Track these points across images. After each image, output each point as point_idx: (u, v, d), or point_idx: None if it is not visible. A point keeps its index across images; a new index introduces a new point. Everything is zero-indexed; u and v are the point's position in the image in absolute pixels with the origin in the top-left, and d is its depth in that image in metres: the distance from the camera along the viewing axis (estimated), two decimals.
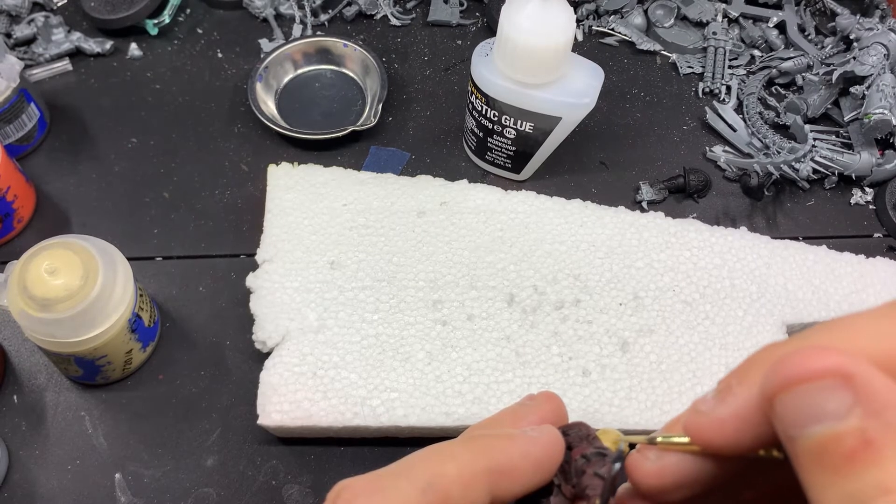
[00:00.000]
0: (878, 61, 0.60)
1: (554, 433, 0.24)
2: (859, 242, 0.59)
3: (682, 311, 0.50)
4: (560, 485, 0.24)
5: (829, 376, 0.17)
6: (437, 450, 0.23)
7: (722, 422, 0.20)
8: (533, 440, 0.23)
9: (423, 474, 0.21)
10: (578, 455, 0.24)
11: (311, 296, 0.49)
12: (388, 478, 0.22)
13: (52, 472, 0.47)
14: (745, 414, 0.19)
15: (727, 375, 0.20)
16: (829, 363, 0.17)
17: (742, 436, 0.19)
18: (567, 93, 0.51)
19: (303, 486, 0.47)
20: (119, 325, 0.45)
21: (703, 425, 0.20)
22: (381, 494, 0.21)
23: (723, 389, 0.20)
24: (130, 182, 0.58)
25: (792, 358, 0.17)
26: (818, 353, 0.17)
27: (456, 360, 0.47)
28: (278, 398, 0.45)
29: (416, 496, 0.21)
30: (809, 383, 0.17)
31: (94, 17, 0.64)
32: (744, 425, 0.19)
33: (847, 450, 0.16)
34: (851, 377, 0.17)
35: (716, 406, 0.20)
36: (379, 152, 0.60)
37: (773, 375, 0.18)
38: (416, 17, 0.69)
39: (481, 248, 0.52)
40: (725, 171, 0.61)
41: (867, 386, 0.16)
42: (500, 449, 0.23)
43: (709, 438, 0.20)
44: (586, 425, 0.25)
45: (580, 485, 0.23)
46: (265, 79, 0.62)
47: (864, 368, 0.17)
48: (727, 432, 0.19)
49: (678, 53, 0.67)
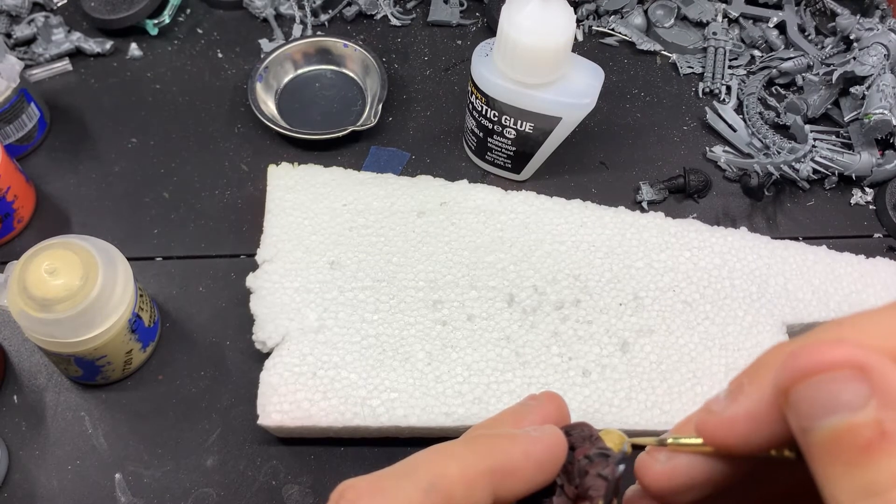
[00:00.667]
0: (878, 61, 0.60)
1: (557, 433, 0.24)
2: (859, 243, 0.59)
3: (682, 311, 0.50)
4: (563, 485, 0.24)
5: (844, 367, 0.17)
6: (440, 450, 0.23)
7: (734, 421, 0.20)
8: (536, 440, 0.23)
9: (426, 475, 0.21)
10: (581, 455, 0.24)
11: (311, 296, 0.49)
12: (391, 478, 0.22)
13: (52, 473, 0.47)
14: (757, 412, 0.19)
15: (739, 375, 0.20)
16: (844, 355, 0.17)
17: (754, 435, 0.19)
18: (567, 93, 0.51)
19: (303, 487, 0.47)
20: (119, 326, 0.45)
21: (715, 425, 0.20)
22: (384, 495, 0.21)
23: (734, 389, 0.20)
24: (130, 182, 0.58)
25: (806, 350, 0.17)
26: (833, 345, 0.17)
27: (456, 361, 0.47)
28: (278, 398, 0.45)
29: (419, 497, 0.21)
30: (824, 374, 0.17)
31: (94, 18, 0.64)
32: (756, 424, 0.19)
33: (863, 441, 0.16)
34: (867, 369, 0.17)
35: (728, 406, 0.20)
36: (379, 152, 0.60)
37: (788, 367, 0.18)
38: (416, 18, 0.69)
39: (481, 248, 0.52)
40: (725, 171, 0.61)
41: (883, 378, 0.16)
42: (503, 449, 0.23)
43: (721, 438, 0.20)
44: (589, 426, 0.25)
45: (583, 485, 0.23)
46: (265, 79, 0.62)
47: (880, 361, 0.17)
48: (739, 431, 0.19)
49: (678, 53, 0.67)
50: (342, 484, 0.22)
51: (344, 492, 0.22)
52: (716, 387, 0.48)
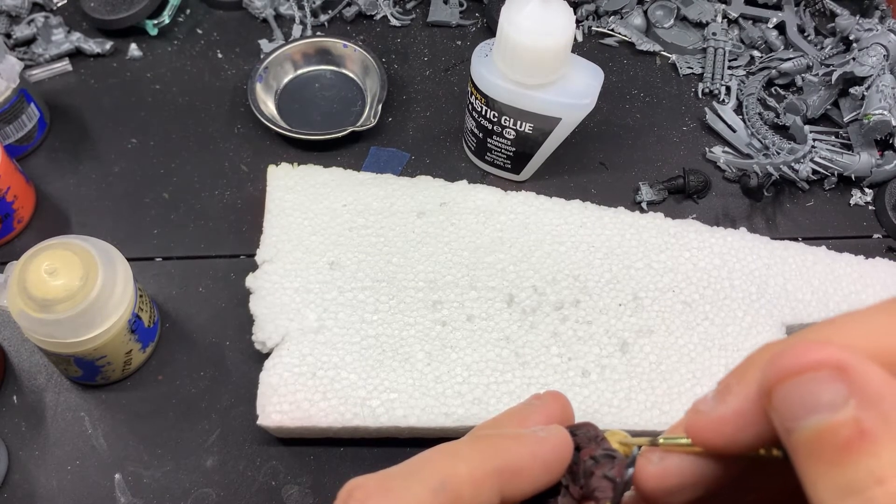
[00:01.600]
0: (877, 62, 0.60)
1: (563, 434, 0.24)
2: (859, 243, 0.59)
3: (681, 311, 0.50)
4: (568, 485, 0.24)
5: (824, 368, 0.17)
6: (448, 450, 0.23)
7: (722, 420, 0.20)
8: (542, 440, 0.23)
9: (434, 475, 0.21)
10: (587, 456, 0.24)
11: (311, 296, 0.49)
12: (400, 478, 0.22)
13: (52, 473, 0.47)
14: (744, 412, 0.19)
15: (726, 376, 0.20)
16: (823, 356, 0.17)
17: (742, 434, 0.19)
18: (567, 93, 0.51)
19: (302, 487, 0.47)
20: (119, 326, 0.45)
21: (702, 425, 0.20)
22: (392, 495, 0.21)
23: (722, 389, 0.20)
24: (130, 182, 0.58)
25: (788, 351, 0.18)
26: (814, 346, 0.17)
27: (455, 361, 0.47)
28: (278, 399, 0.45)
29: (428, 497, 0.21)
30: (805, 375, 0.17)
31: (94, 18, 0.64)
32: (743, 423, 0.19)
33: (842, 440, 0.16)
34: (846, 369, 0.17)
35: (716, 406, 0.20)
36: (379, 153, 0.60)
37: (771, 369, 0.18)
38: (415, 18, 0.69)
39: (481, 248, 0.52)
40: (725, 171, 0.61)
41: (862, 377, 0.17)
42: (510, 449, 0.23)
43: (709, 438, 0.20)
44: (594, 426, 0.25)
45: (588, 486, 0.23)
46: (265, 79, 0.62)
47: (859, 361, 0.17)
48: (727, 431, 0.20)
49: (678, 54, 0.67)
50: (350, 482, 0.22)
51: (352, 491, 0.22)
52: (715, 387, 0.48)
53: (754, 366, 0.19)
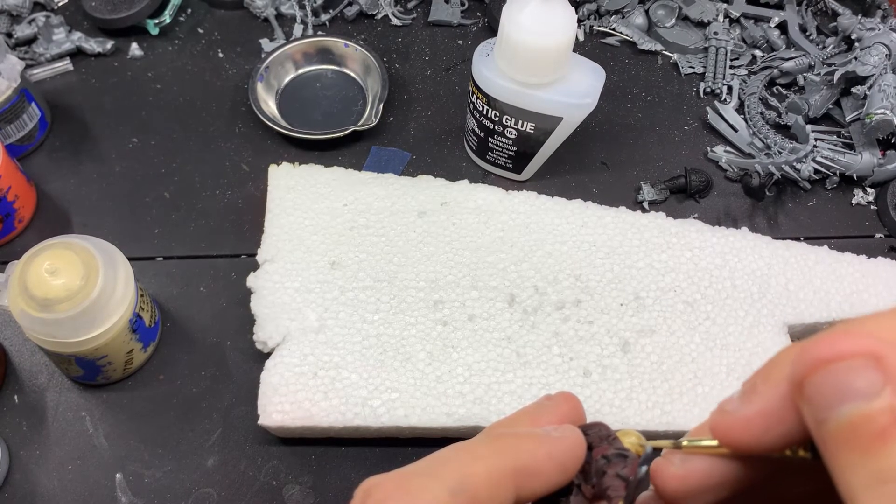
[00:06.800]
0: (879, 61, 0.60)
1: (577, 433, 0.24)
2: (861, 243, 0.59)
3: (683, 311, 0.50)
4: (580, 485, 0.24)
5: (858, 356, 0.17)
6: (464, 449, 0.23)
7: (748, 420, 0.19)
8: (557, 440, 0.23)
9: (452, 475, 0.21)
10: (599, 455, 0.24)
11: (312, 296, 0.49)
12: (417, 478, 0.22)
13: (53, 472, 0.47)
14: (771, 411, 0.19)
15: (752, 376, 0.20)
16: (858, 344, 0.17)
17: (769, 434, 0.19)
18: (568, 93, 0.51)
19: (304, 487, 0.47)
20: (120, 326, 0.45)
21: (729, 425, 0.20)
22: (411, 495, 0.21)
23: (748, 390, 0.20)
24: (131, 182, 0.58)
25: (821, 341, 0.17)
26: (847, 335, 0.17)
27: (457, 361, 0.47)
28: (279, 398, 0.45)
29: (445, 497, 0.21)
30: (839, 363, 0.17)
31: (95, 17, 0.64)
32: (771, 423, 0.19)
33: (878, 428, 0.16)
34: (881, 357, 0.17)
35: (742, 405, 0.20)
36: (380, 152, 0.60)
37: (803, 358, 0.18)
38: (417, 17, 0.69)
39: (482, 248, 0.52)
40: (727, 171, 0.61)
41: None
42: (526, 449, 0.23)
43: (736, 438, 0.20)
44: (606, 426, 0.25)
45: (601, 485, 0.23)
46: (266, 79, 0.62)
47: (894, 349, 0.17)
48: (754, 431, 0.19)
49: (679, 53, 0.67)
50: (367, 481, 0.22)
51: (370, 490, 0.22)
52: (717, 387, 0.48)
53: (780, 365, 0.19)
